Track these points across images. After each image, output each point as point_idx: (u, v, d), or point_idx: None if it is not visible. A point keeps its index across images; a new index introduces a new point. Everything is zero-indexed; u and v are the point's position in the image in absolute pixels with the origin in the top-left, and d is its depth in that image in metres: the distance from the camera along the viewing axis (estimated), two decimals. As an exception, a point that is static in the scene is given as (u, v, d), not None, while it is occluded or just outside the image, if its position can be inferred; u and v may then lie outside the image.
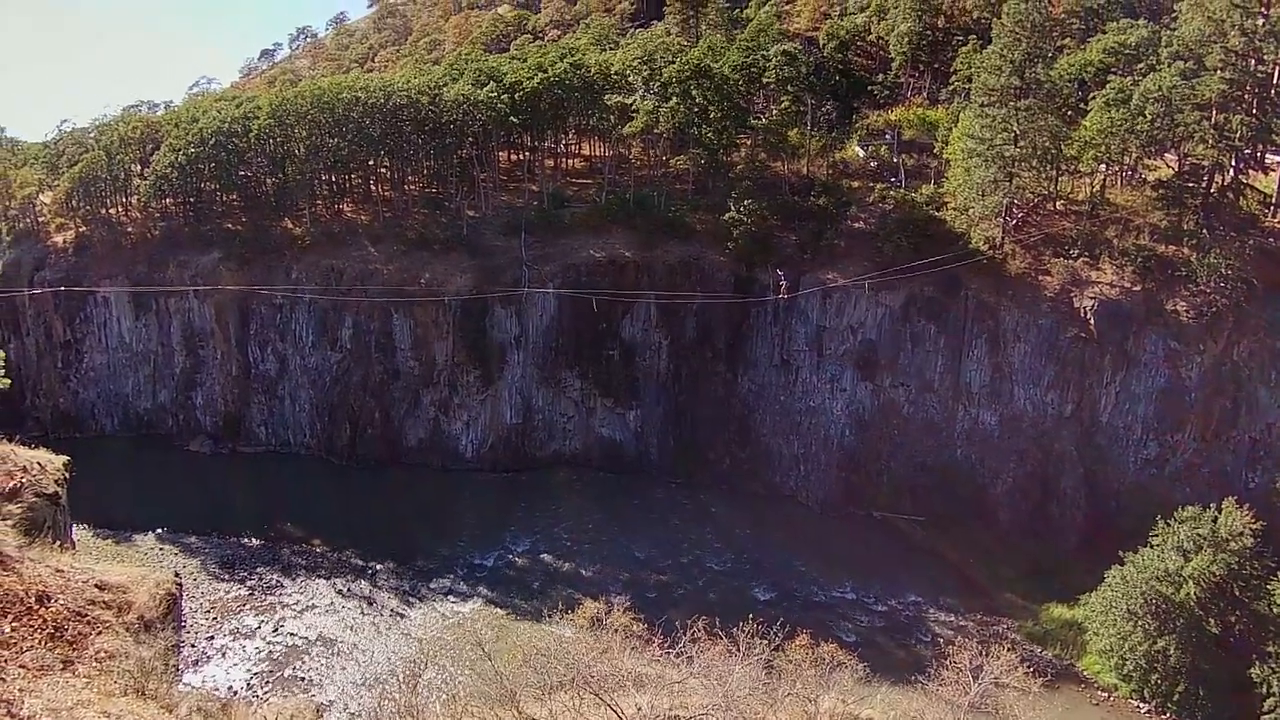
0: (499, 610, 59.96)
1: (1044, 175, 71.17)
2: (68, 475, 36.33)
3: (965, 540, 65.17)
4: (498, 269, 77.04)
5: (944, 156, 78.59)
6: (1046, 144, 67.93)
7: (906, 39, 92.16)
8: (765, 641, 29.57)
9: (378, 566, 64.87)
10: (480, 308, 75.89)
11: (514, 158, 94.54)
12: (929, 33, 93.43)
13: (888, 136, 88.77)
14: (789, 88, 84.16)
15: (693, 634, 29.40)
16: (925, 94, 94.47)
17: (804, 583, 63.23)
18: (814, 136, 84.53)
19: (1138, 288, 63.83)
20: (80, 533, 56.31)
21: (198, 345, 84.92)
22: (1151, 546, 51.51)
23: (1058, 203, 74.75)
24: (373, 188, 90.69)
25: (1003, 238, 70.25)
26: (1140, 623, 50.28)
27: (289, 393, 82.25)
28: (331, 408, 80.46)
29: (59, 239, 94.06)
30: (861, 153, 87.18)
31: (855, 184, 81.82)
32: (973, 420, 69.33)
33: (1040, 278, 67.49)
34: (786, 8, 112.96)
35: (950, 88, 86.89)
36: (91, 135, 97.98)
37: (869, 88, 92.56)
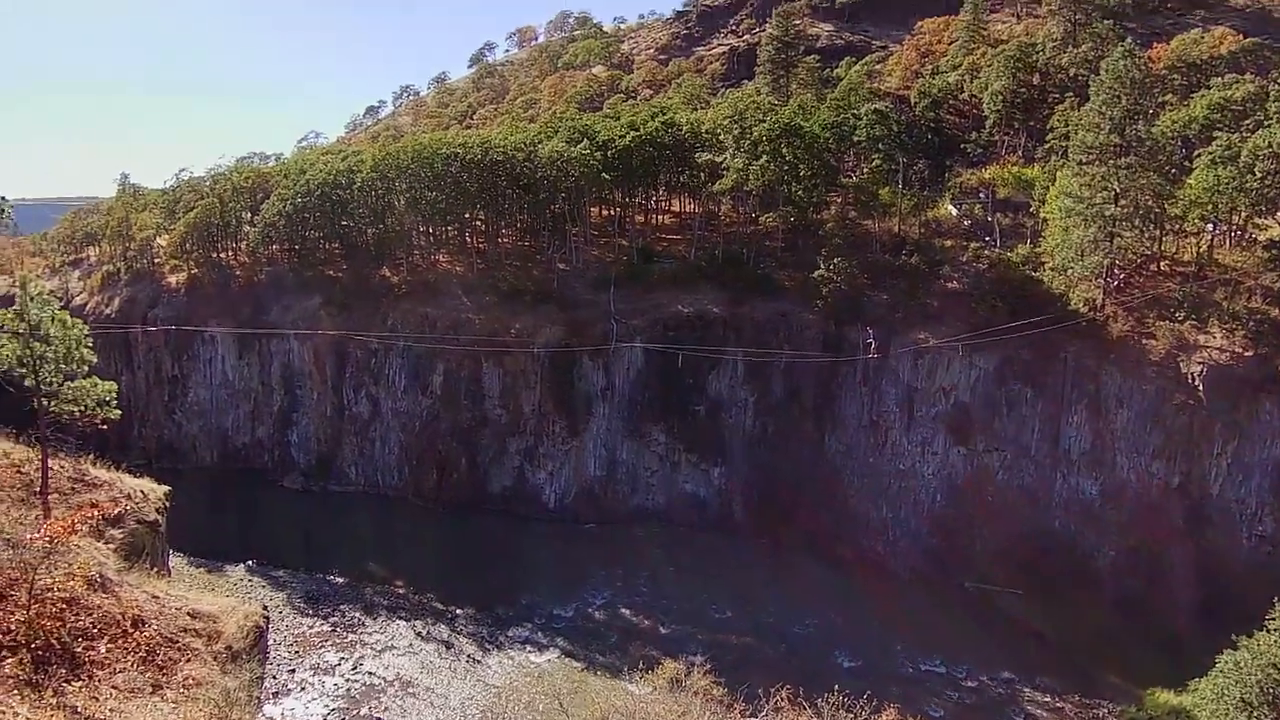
0: (576, 663, 59.40)
1: (1147, 235, 68.70)
2: (168, 504, 37.74)
3: (1064, 616, 62.14)
4: (586, 322, 78.09)
5: (1041, 216, 76.78)
6: (1149, 203, 65.69)
7: (1000, 97, 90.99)
8: (849, 713, 28.76)
9: (457, 611, 65.34)
10: (568, 359, 76.93)
11: (605, 213, 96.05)
12: (1023, 90, 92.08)
13: (982, 195, 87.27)
14: (880, 146, 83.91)
15: (775, 701, 28.80)
16: (1020, 152, 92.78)
17: (891, 653, 61.07)
18: (905, 195, 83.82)
19: (1249, 353, 60.66)
20: (175, 560, 58.12)
21: (295, 385, 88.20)
22: (1268, 630, 48.32)
23: (1162, 263, 71.87)
24: (468, 239, 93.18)
25: (1103, 299, 67.99)
26: (1255, 713, 47.15)
27: (380, 435, 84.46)
28: (420, 452, 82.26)
29: (172, 280, 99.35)
30: (954, 211, 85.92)
31: (948, 243, 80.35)
32: (1072, 489, 66.65)
33: (1144, 341, 64.79)
34: (877, 67, 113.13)
35: (1046, 145, 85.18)
36: (207, 184, 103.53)
37: (962, 146, 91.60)
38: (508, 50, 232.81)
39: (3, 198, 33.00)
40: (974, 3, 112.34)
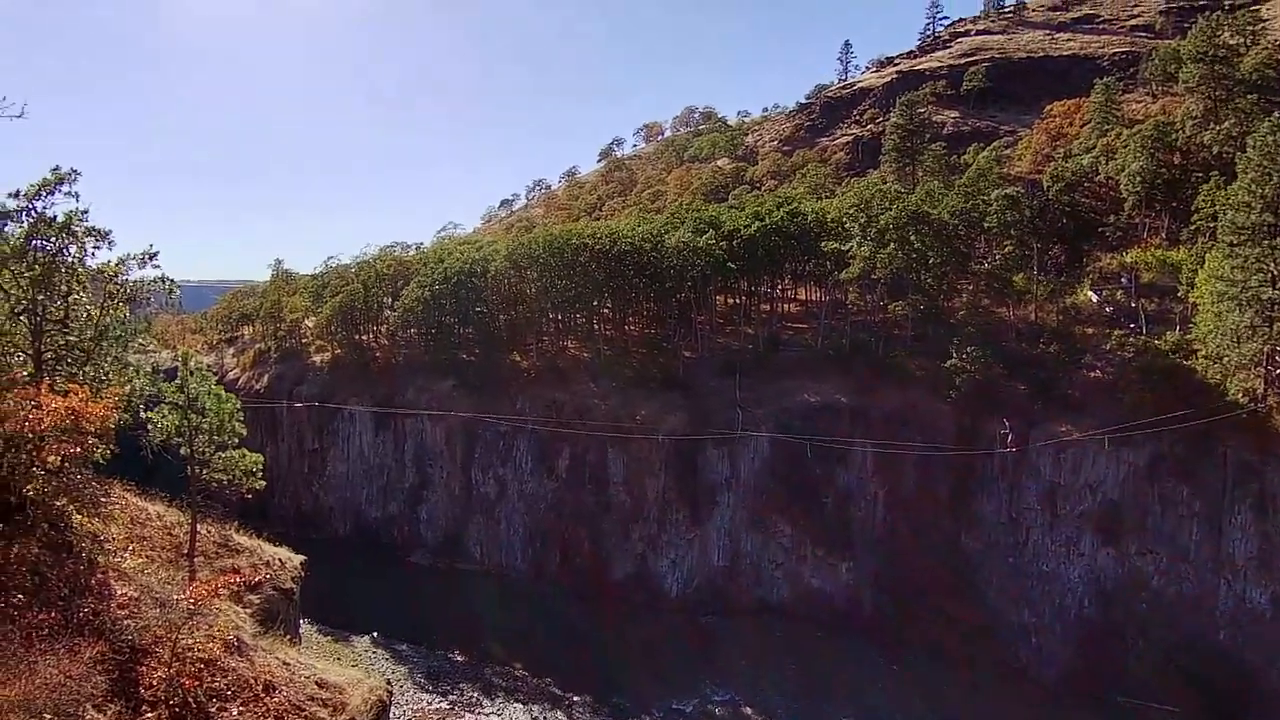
0: (697, 761, 58.22)
1: (1311, 319, 64.04)
2: (303, 573, 39.38)
3: (1229, 741, 56.84)
4: (711, 410, 78.17)
5: (1190, 300, 72.81)
6: (1311, 284, 61.40)
7: (1139, 178, 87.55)
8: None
9: (574, 698, 64.85)
10: (693, 447, 76.97)
11: (731, 301, 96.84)
12: (1163, 170, 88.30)
13: (1123, 280, 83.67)
14: (1012, 231, 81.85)
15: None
16: (1163, 234, 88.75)
17: (1034, 774, 57.14)
18: (1041, 281, 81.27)
19: None
20: (305, 627, 60.42)
21: (427, 464, 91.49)
22: None
23: (1330, 351, 66.83)
24: (595, 327, 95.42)
25: (1265, 389, 63.10)
26: None
27: (505, 516, 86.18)
28: (544, 534, 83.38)
29: (317, 359, 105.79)
30: (1094, 297, 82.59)
31: (1089, 330, 77.10)
32: (1238, 597, 61.12)
33: (1314, 436, 59.92)
34: (1006, 152, 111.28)
35: (1192, 227, 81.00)
36: (352, 270, 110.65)
37: (1099, 229, 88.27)
38: (635, 145, 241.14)
39: (172, 280, 35.97)
40: (1105, 84, 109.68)
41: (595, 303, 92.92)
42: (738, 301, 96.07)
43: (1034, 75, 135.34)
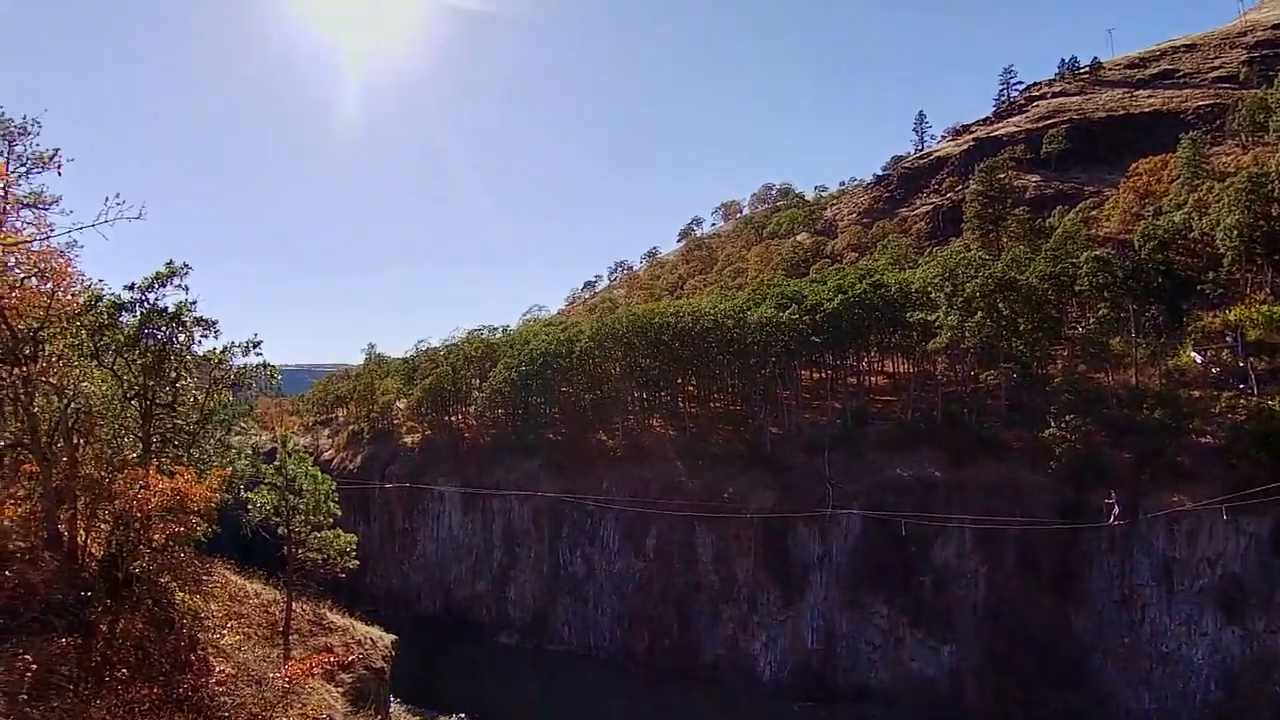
0: None
1: None
2: (394, 653, 39.67)
3: None
4: (800, 487, 77.00)
5: (1304, 358, 69.28)
6: None
7: (1236, 232, 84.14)
8: None
9: (667, 787, 63.39)
10: (782, 525, 75.70)
11: (816, 376, 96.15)
12: (1262, 223, 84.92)
13: (1229, 339, 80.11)
14: (1105, 294, 79.60)
15: None
16: (1268, 288, 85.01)
17: None
18: (1140, 344, 78.45)
19: None
20: (395, 706, 60.49)
21: (515, 543, 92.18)
22: None
23: None
24: (680, 404, 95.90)
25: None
26: None
27: (593, 596, 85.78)
28: (632, 614, 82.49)
29: (408, 439, 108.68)
30: (1198, 358, 79.18)
31: (1195, 394, 73.72)
32: (1381, 680, 56.43)
33: None
34: (1093, 213, 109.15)
35: (1299, 279, 77.79)
36: (441, 353, 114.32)
37: (1198, 287, 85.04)
38: (714, 223, 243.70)
39: (273, 366, 37.79)
40: (1192, 138, 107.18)
41: (679, 380, 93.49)
42: (823, 376, 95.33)
43: (1116, 134, 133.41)
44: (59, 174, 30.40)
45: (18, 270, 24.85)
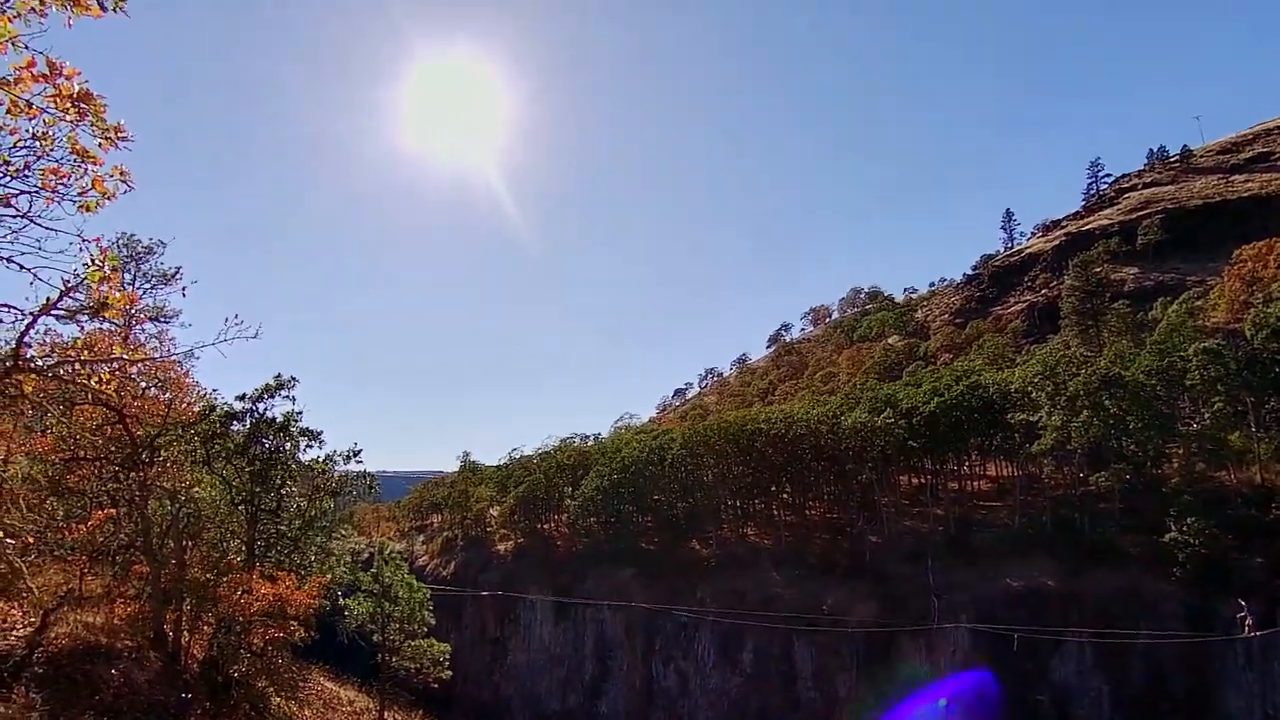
0: None
1: None
2: None
3: None
4: (902, 598, 74.01)
5: None
6: None
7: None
8: None
9: None
10: (886, 639, 72.58)
11: (915, 481, 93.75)
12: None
13: (1360, 431, 75.10)
14: (1219, 387, 75.76)
15: None
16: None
17: None
18: (1262, 439, 74.04)
19: None
20: None
21: (607, 655, 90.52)
22: None
23: None
24: (775, 512, 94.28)
25: None
26: None
27: (688, 712, 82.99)
28: (730, 733, 79.43)
29: (501, 547, 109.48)
30: (1328, 453, 74.14)
31: (1332, 489, 69.12)
32: None
33: None
34: (1198, 303, 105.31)
35: None
36: (535, 460, 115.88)
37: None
38: (803, 328, 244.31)
39: (372, 475, 39.03)
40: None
41: (774, 488, 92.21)
42: (922, 481, 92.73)
43: (1214, 221, 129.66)
44: (184, 295, 32.93)
45: (141, 380, 26.23)
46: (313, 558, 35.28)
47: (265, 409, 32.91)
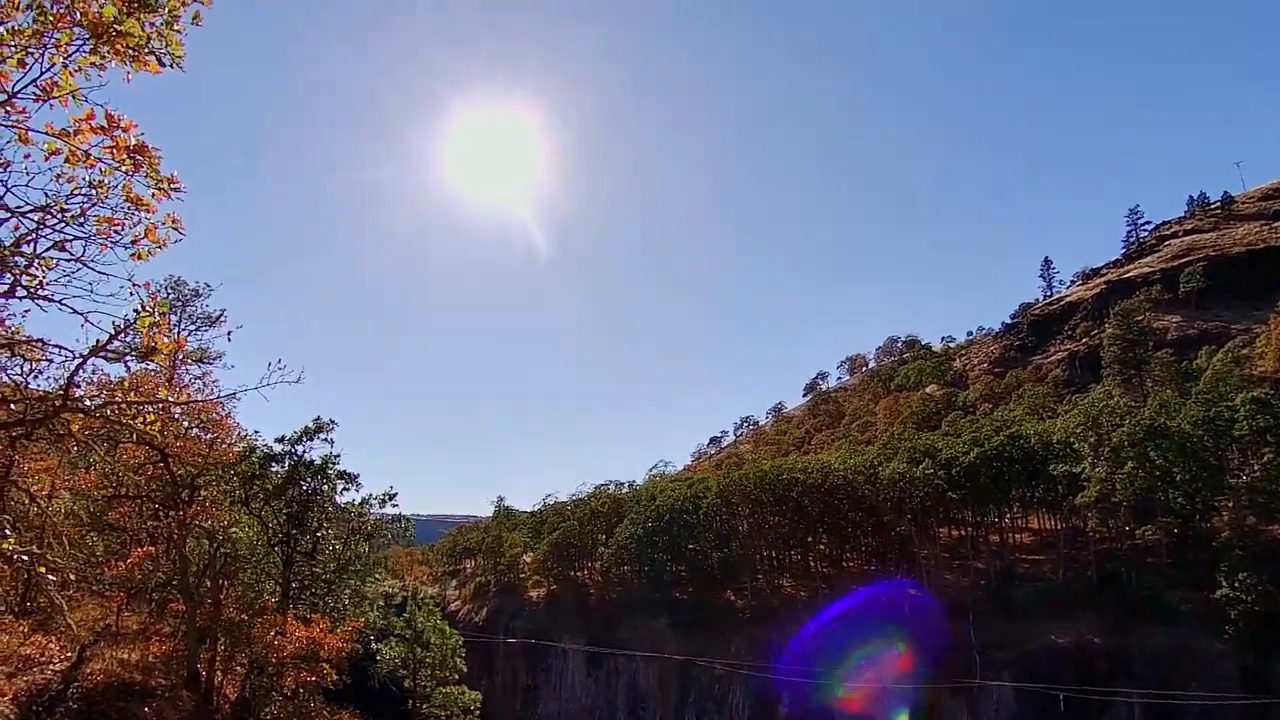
0: None
1: None
2: None
3: None
4: (943, 654, 72.01)
5: None
6: None
7: None
8: None
9: None
10: (926, 696, 70.52)
11: (955, 534, 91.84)
12: None
13: None
14: (1268, 437, 73.44)
15: None
16: None
17: None
18: (1316, 493, 71.41)
19: None
20: None
21: (639, 706, 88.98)
22: None
23: None
24: (811, 564, 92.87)
25: None
26: None
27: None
28: (765, 792, 77.36)
29: (534, 594, 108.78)
30: (1386, 508, 71.22)
31: (1391, 543, 66.39)
32: None
33: None
34: (1244, 352, 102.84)
35: None
36: (569, 507, 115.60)
37: (1378, 422, 77.69)
38: (840, 377, 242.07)
39: (408, 518, 39.20)
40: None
41: (810, 538, 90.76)
42: (963, 533, 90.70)
43: (1257, 268, 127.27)
44: (229, 339, 33.65)
45: (184, 420, 26.61)
46: (346, 601, 35.30)
47: (304, 451, 33.19)
